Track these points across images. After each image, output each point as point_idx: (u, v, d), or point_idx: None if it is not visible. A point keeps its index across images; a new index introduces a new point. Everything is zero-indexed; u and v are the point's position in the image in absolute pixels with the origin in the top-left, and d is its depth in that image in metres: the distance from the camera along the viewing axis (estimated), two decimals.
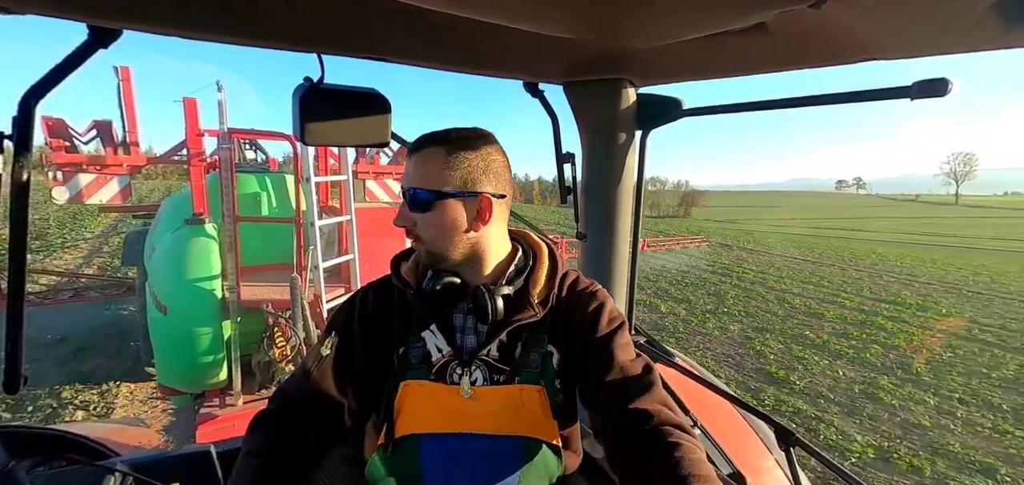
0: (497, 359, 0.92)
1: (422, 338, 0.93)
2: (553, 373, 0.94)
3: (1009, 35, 0.72)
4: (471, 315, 0.94)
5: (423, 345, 0.93)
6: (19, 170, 0.71)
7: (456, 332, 0.94)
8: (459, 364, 0.92)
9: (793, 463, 1.01)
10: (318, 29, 0.90)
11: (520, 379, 0.92)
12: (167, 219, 4.52)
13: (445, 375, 0.92)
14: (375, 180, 6.83)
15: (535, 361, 0.93)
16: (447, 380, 0.91)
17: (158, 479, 1.03)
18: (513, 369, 0.92)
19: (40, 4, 0.67)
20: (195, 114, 4.29)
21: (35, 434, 1.15)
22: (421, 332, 0.93)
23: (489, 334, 0.93)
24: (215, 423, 3.69)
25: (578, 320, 0.95)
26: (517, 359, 0.92)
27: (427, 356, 0.92)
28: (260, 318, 4.12)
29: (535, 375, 0.93)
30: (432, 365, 0.92)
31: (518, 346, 0.93)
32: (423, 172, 0.88)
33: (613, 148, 1.35)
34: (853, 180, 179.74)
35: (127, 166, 5.14)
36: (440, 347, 0.92)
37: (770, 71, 1.08)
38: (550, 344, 0.94)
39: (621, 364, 0.92)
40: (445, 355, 0.92)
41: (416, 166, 0.88)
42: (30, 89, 0.71)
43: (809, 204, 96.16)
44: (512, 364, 0.92)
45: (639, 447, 0.85)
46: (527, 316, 0.91)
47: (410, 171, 0.89)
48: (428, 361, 0.92)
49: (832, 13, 0.73)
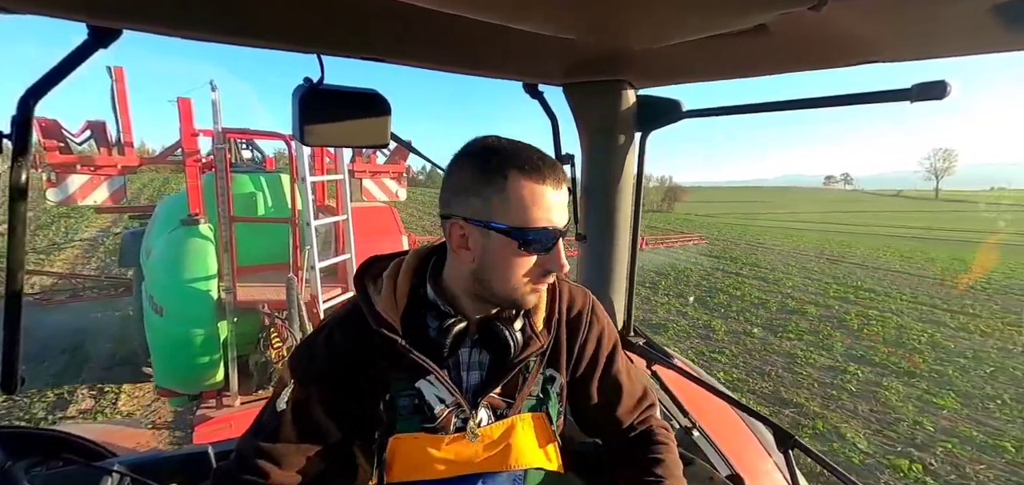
0: (500, 393, 0.85)
1: (416, 388, 0.81)
2: (555, 398, 0.90)
3: (1009, 38, 0.73)
4: (477, 349, 0.85)
5: (417, 396, 0.81)
6: (18, 170, 0.70)
7: (461, 370, 0.85)
8: (464, 409, 0.83)
9: (792, 465, 1.02)
10: (318, 29, 0.89)
11: (524, 409, 0.87)
12: (163, 220, 4.49)
13: (448, 425, 0.82)
14: (372, 179, 6.82)
15: (537, 389, 0.88)
16: (450, 429, 0.82)
17: (155, 480, 1.02)
18: (517, 401, 0.86)
19: (40, 4, 0.67)
20: (189, 114, 4.27)
21: (32, 434, 1.14)
22: (414, 381, 0.81)
23: (497, 373, 0.84)
24: (212, 424, 3.68)
25: (576, 339, 0.92)
26: (520, 390, 0.86)
27: (426, 407, 0.81)
28: (257, 319, 4.11)
29: (538, 402, 0.88)
30: (433, 418, 0.81)
31: (520, 376, 0.86)
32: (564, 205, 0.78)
33: (613, 149, 1.35)
34: (841, 176, 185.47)
35: (121, 166, 5.11)
36: (442, 398, 0.82)
37: (770, 73, 1.08)
38: (551, 368, 0.90)
39: (614, 377, 0.95)
40: (449, 406, 0.82)
41: (563, 199, 0.77)
42: (29, 89, 0.70)
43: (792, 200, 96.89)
44: (515, 396, 0.86)
45: (627, 453, 0.89)
46: (535, 348, 0.85)
47: (562, 205, 0.76)
48: (425, 413, 0.81)
49: (832, 15, 0.73)
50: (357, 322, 0.82)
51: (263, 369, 4.10)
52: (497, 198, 0.73)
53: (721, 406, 1.31)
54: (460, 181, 0.76)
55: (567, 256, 0.80)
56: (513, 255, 0.75)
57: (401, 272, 0.85)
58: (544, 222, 0.74)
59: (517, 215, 0.73)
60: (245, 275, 4.24)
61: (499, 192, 0.73)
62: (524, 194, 0.72)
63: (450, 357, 0.82)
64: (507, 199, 0.72)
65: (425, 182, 46.66)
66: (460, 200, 0.76)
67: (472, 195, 0.74)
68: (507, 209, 0.73)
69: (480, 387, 0.85)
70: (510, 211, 0.73)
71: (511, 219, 0.73)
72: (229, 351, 3.92)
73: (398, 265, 0.86)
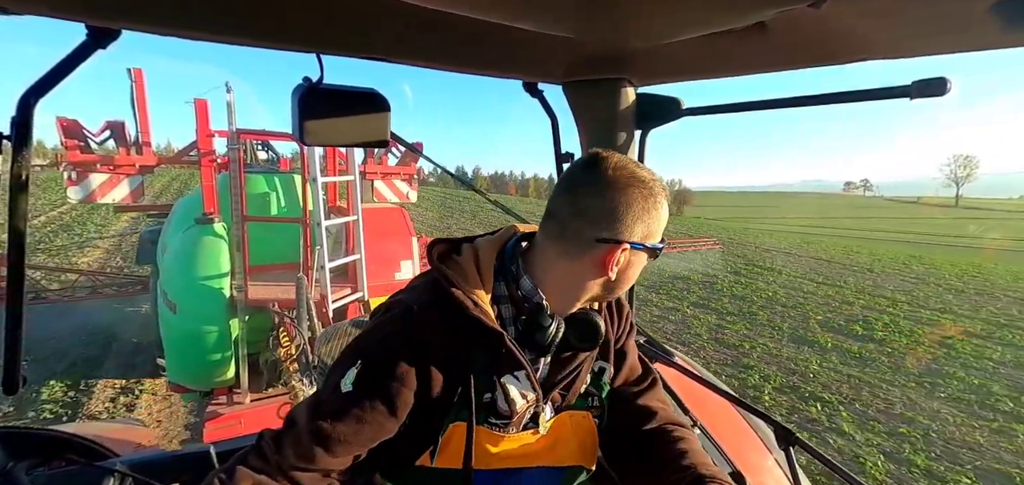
0: (561, 386, 0.86)
1: (500, 383, 0.80)
2: (605, 389, 0.91)
3: (1009, 35, 0.71)
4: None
5: (499, 390, 0.80)
6: (18, 170, 0.71)
7: (537, 367, 0.85)
8: (539, 404, 0.83)
9: (793, 463, 1.00)
10: (318, 29, 0.90)
11: (576, 404, 0.88)
12: (179, 219, 4.58)
13: (522, 420, 0.83)
14: (383, 180, 6.86)
15: (591, 381, 0.90)
16: (522, 425, 0.83)
17: (157, 479, 1.03)
18: (570, 394, 0.88)
19: (39, 4, 0.67)
20: (206, 115, 4.34)
21: (34, 435, 1.15)
22: (499, 376, 0.80)
23: (562, 365, 0.85)
24: (221, 420, 3.74)
25: (615, 329, 0.93)
26: (577, 383, 0.88)
27: (508, 402, 0.80)
28: (267, 317, 4.16)
29: (590, 395, 0.90)
30: (512, 413, 0.81)
31: (576, 370, 0.87)
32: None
33: (613, 148, 1.34)
34: (860, 181, 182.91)
35: (139, 166, 5.22)
36: (525, 393, 0.81)
37: (770, 71, 1.07)
38: (600, 359, 0.91)
39: (632, 365, 0.95)
40: (530, 402, 0.82)
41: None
42: (29, 89, 0.71)
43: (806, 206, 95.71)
44: (569, 390, 0.87)
45: (641, 443, 0.86)
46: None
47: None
48: (505, 407, 0.81)
49: (832, 13, 0.73)
50: (442, 308, 0.77)
51: (273, 367, 4.14)
52: (651, 216, 0.77)
53: (722, 404, 1.30)
54: (625, 207, 0.75)
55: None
56: (640, 265, 0.81)
57: (483, 264, 0.82)
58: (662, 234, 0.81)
59: (658, 232, 0.79)
60: (257, 274, 4.30)
61: (651, 214, 0.77)
62: (664, 215, 0.79)
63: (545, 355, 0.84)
64: (659, 221, 0.78)
65: (435, 183, 46.88)
66: (628, 226, 0.75)
67: (640, 222, 0.76)
68: (654, 229, 0.78)
69: (546, 381, 0.85)
70: (654, 230, 0.78)
71: (654, 237, 0.79)
72: (240, 349, 3.98)
73: (476, 255, 0.83)
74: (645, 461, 0.89)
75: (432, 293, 0.79)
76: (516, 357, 0.78)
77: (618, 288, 0.82)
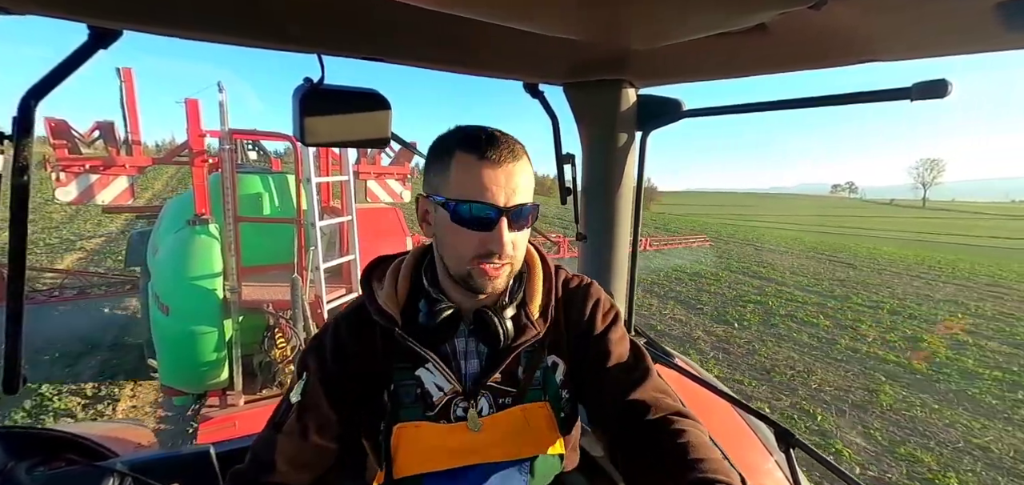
0: (500, 382, 0.87)
1: (417, 377, 0.85)
2: (558, 385, 0.91)
3: (1010, 36, 0.72)
4: (474, 338, 0.88)
5: (418, 384, 0.85)
6: (19, 170, 0.71)
7: (459, 359, 0.88)
8: (464, 397, 0.85)
9: (793, 464, 1.00)
10: (318, 29, 0.90)
11: (526, 399, 0.88)
12: (169, 220, 4.52)
13: (448, 413, 0.85)
14: (376, 180, 6.83)
15: (539, 377, 0.89)
16: (451, 417, 0.85)
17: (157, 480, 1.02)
18: (519, 390, 0.87)
19: (40, 4, 0.67)
20: (197, 115, 4.29)
21: (33, 434, 1.14)
22: (415, 370, 0.85)
23: (494, 361, 0.86)
24: (215, 423, 3.70)
25: (575, 322, 0.92)
26: (521, 379, 0.88)
27: (425, 396, 0.85)
28: (261, 318, 4.13)
29: (540, 391, 0.89)
30: (432, 405, 0.85)
31: (520, 365, 0.88)
32: (525, 184, 0.79)
33: (613, 149, 1.35)
34: (845, 184, 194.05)
35: (129, 166, 5.15)
36: (440, 385, 0.85)
37: (770, 72, 1.07)
38: (553, 355, 0.91)
39: (618, 356, 0.91)
40: (447, 393, 0.85)
41: (517, 177, 0.77)
42: (30, 89, 0.70)
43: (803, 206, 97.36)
44: (517, 385, 0.88)
45: (642, 437, 0.84)
46: (530, 336, 0.86)
47: (508, 184, 0.76)
48: (426, 401, 0.85)
49: (832, 14, 0.73)
50: (361, 316, 0.87)
51: (267, 369, 4.12)
52: (444, 173, 0.78)
53: (722, 405, 1.30)
54: (427, 161, 0.83)
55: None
56: (454, 231, 0.78)
57: (403, 267, 0.89)
58: (478, 197, 0.76)
59: (456, 189, 0.77)
60: (250, 275, 4.26)
61: (445, 168, 0.78)
62: (461, 168, 0.76)
63: (446, 344, 0.86)
64: (449, 174, 0.77)
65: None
66: (426, 178, 0.83)
67: (431, 172, 0.81)
68: (449, 183, 0.77)
69: (479, 375, 0.87)
70: (451, 185, 0.77)
71: (450, 193, 0.77)
72: (234, 350, 3.94)
73: (400, 262, 0.91)
74: (649, 455, 0.86)
75: (356, 304, 0.90)
76: (415, 349, 0.83)
77: (442, 254, 0.83)
